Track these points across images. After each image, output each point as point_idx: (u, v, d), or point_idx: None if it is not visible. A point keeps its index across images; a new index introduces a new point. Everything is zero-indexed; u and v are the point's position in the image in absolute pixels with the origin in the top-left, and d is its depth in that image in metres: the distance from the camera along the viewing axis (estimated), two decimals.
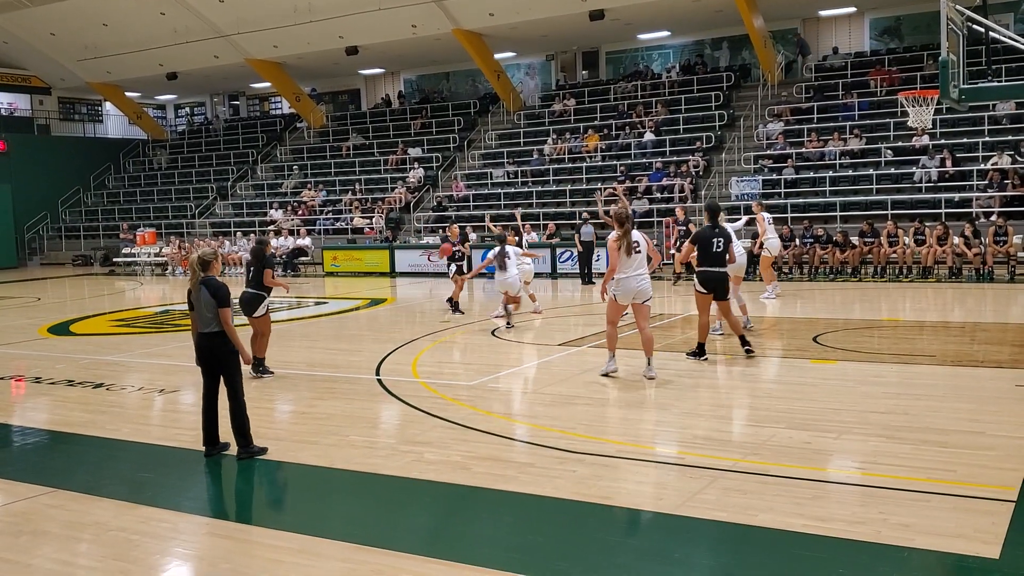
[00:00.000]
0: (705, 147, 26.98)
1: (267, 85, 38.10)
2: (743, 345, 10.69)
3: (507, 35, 31.21)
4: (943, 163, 22.35)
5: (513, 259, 13.94)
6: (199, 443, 7.31)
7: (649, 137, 28.21)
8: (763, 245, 15.98)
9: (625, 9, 27.91)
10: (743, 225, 15.73)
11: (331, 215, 30.62)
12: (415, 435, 7.73)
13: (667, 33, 31.93)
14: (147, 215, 35.70)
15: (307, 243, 28.33)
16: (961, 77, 12.89)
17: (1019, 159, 21.56)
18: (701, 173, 25.96)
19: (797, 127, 26.35)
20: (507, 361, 11.35)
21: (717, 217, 10.80)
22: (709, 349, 10.84)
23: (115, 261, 32.55)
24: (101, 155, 40.82)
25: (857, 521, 5.36)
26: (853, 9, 29.21)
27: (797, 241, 21.00)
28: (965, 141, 23.24)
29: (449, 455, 7.02)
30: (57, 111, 41.20)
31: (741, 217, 17.05)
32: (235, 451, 7.17)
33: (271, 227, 29.73)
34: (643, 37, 32.43)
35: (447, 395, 9.22)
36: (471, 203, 28.39)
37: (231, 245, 28.97)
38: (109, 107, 42.56)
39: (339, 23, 30.78)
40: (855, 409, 8.03)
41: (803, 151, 25.14)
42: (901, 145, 23.79)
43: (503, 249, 13.96)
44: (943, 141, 23.29)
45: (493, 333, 13.52)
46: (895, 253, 19.83)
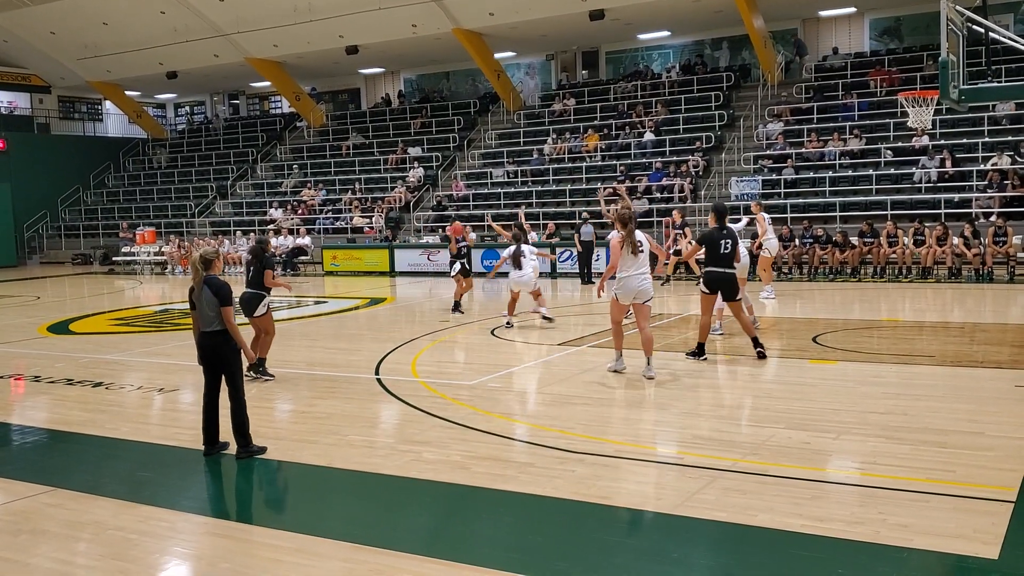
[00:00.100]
0: (705, 147, 26.98)
1: (267, 84, 38.12)
2: (756, 347, 10.57)
3: (507, 35, 31.21)
4: (943, 163, 22.35)
5: (528, 257, 13.97)
6: (198, 442, 7.31)
7: (649, 137, 28.20)
8: (762, 246, 15.99)
9: (625, 9, 27.91)
10: (743, 226, 15.72)
11: (331, 214, 30.61)
12: (414, 435, 7.73)
13: (667, 33, 31.93)
14: (147, 214, 35.70)
15: (307, 242, 28.31)
16: (961, 78, 12.90)
17: (1019, 159, 21.55)
18: (701, 173, 25.96)
19: (797, 127, 26.35)
20: (507, 361, 11.35)
21: (724, 218, 10.77)
22: (708, 349, 10.84)
23: (115, 260, 32.55)
24: (101, 154, 40.83)
25: (856, 521, 5.36)
26: (853, 9, 29.22)
27: (797, 241, 21.00)
28: (965, 142, 23.24)
29: (449, 455, 7.02)
30: (57, 110, 41.20)
31: (741, 218, 17.03)
32: (234, 450, 7.18)
33: (271, 226, 29.74)
34: (643, 37, 32.43)
35: (447, 395, 9.22)
36: (471, 203, 28.37)
37: (231, 244, 28.96)
38: (109, 106, 42.57)
39: (339, 22, 30.78)
40: (854, 409, 8.03)
41: (803, 151, 25.14)
42: (901, 145, 23.79)
43: (519, 248, 14.00)
44: (943, 142, 23.29)
45: (493, 332, 13.53)
46: (895, 253, 19.83)
